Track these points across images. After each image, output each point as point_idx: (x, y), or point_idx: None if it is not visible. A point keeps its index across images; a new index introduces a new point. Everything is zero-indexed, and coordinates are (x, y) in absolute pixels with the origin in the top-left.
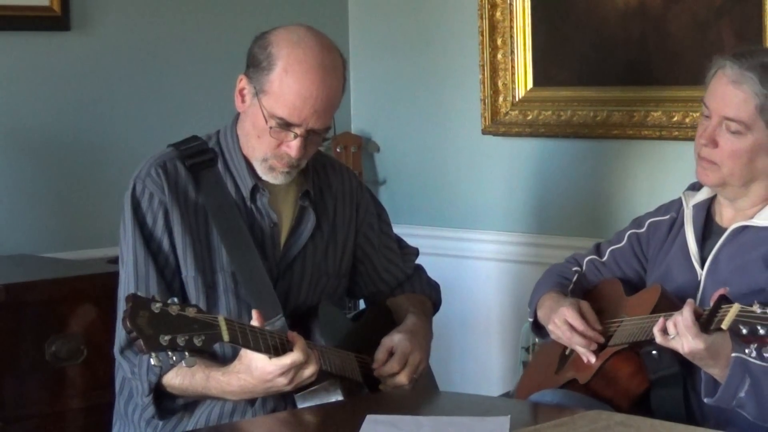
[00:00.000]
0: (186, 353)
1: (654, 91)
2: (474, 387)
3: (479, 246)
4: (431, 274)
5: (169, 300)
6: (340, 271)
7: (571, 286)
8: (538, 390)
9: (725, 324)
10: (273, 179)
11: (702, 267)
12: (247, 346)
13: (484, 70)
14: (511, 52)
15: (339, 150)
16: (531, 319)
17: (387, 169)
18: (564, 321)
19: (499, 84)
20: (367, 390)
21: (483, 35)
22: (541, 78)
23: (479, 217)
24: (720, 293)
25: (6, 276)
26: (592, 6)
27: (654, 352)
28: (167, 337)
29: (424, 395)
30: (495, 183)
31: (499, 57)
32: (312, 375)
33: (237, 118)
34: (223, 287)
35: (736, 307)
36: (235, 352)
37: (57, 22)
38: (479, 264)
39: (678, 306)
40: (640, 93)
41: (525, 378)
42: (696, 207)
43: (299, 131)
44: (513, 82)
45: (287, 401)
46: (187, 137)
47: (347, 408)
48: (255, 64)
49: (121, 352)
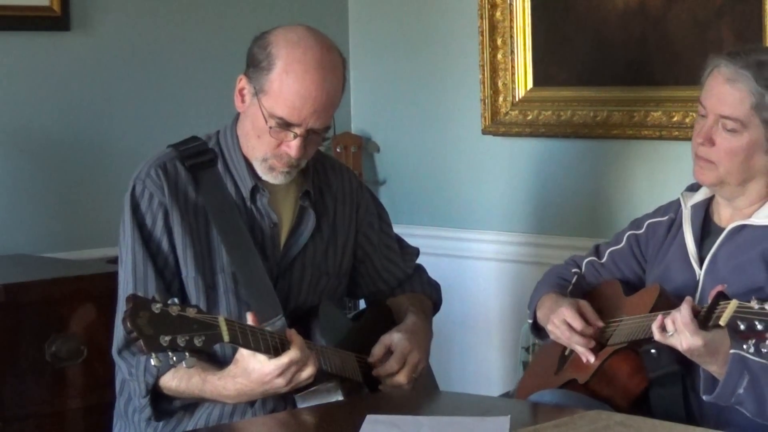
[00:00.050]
0: (186, 354)
1: (654, 91)
2: (474, 387)
3: (479, 246)
4: (431, 274)
5: (170, 300)
6: (340, 271)
7: (570, 287)
8: (538, 391)
9: (723, 320)
10: (273, 179)
11: (700, 267)
12: (248, 346)
13: (484, 70)
14: (511, 52)
15: (339, 150)
16: (530, 321)
17: (387, 169)
18: (563, 321)
19: (499, 84)
20: (367, 390)
21: (483, 35)
22: (541, 78)
23: (479, 217)
24: (718, 290)
25: (5, 276)
26: (592, 6)
27: (653, 350)
28: (167, 338)
29: (424, 395)
30: (495, 183)
31: (499, 57)
32: (310, 376)
33: (237, 118)
34: (223, 288)
35: (734, 304)
36: (236, 352)
37: (57, 22)
38: (479, 264)
39: (676, 305)
40: (640, 93)
41: (525, 379)
42: (694, 207)
43: (299, 131)
44: (513, 82)
45: (287, 401)
46: (187, 138)
47: (347, 408)
48: (255, 64)
49: (119, 352)
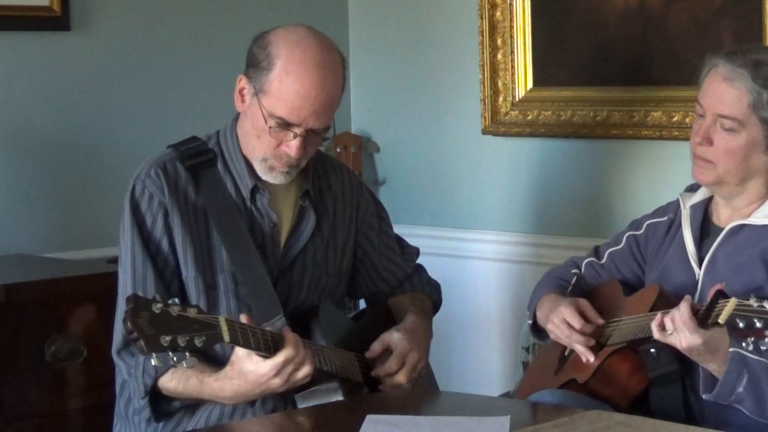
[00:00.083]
0: (187, 354)
1: (654, 91)
2: (474, 387)
3: (479, 246)
4: (431, 274)
5: (170, 300)
6: (340, 271)
7: (570, 288)
8: (538, 391)
9: (722, 318)
10: (273, 179)
11: (700, 267)
12: (248, 346)
13: (484, 70)
14: (511, 52)
15: (339, 150)
16: (530, 321)
17: (387, 169)
18: (562, 320)
19: (499, 84)
20: (368, 390)
21: (483, 35)
22: (541, 78)
23: (479, 217)
24: (717, 288)
25: (6, 276)
26: (592, 6)
27: (652, 350)
28: (168, 338)
29: (424, 395)
30: (495, 183)
31: (499, 57)
32: (306, 375)
33: (237, 118)
34: (224, 288)
35: (733, 302)
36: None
37: (57, 22)
38: (479, 264)
39: (676, 305)
40: (640, 93)
41: (525, 379)
42: (693, 207)
43: (299, 131)
44: (513, 82)
45: (287, 401)
46: (187, 138)
47: (347, 408)
48: (254, 63)
49: (118, 353)
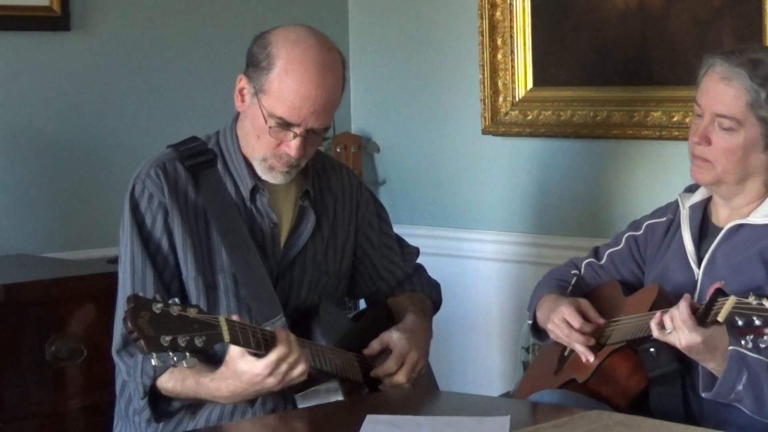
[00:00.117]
0: (187, 354)
1: (654, 91)
2: (474, 387)
3: (479, 246)
4: (431, 274)
5: (170, 300)
6: (340, 271)
7: (570, 288)
8: (537, 391)
9: (721, 316)
10: (273, 179)
11: (699, 267)
12: (248, 346)
13: (484, 70)
14: (511, 52)
15: (339, 150)
16: (530, 322)
17: (387, 169)
18: (562, 319)
19: (499, 84)
20: (368, 390)
21: (483, 35)
22: (541, 78)
23: (479, 217)
24: (716, 287)
25: (6, 276)
26: (592, 6)
27: (652, 349)
28: (168, 338)
29: (424, 395)
30: (495, 183)
31: (499, 57)
32: (302, 373)
33: (236, 118)
34: (224, 288)
35: (732, 300)
36: None
37: (57, 22)
38: (479, 264)
39: (675, 304)
40: (640, 93)
41: (525, 379)
42: (692, 208)
43: (299, 131)
44: (513, 82)
45: (288, 401)
46: (187, 138)
47: (347, 408)
48: (254, 63)
49: (117, 353)
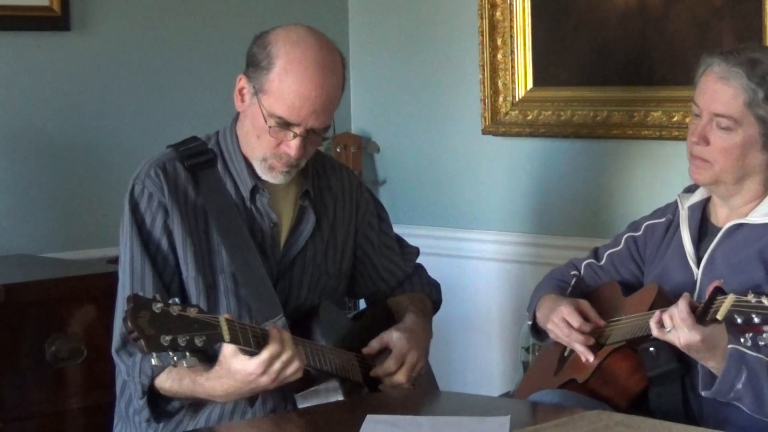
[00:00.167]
0: (187, 353)
1: (654, 91)
2: (474, 387)
3: (479, 246)
4: (431, 274)
5: (170, 300)
6: (340, 271)
7: (570, 289)
8: (537, 391)
9: (721, 314)
10: (272, 179)
11: (698, 267)
12: (248, 345)
13: (484, 70)
14: (511, 52)
15: (339, 150)
16: (530, 322)
17: (387, 169)
18: (562, 319)
19: (499, 84)
20: (367, 390)
21: (483, 35)
22: (541, 78)
23: (479, 217)
24: (715, 285)
25: (6, 276)
26: (592, 6)
27: (651, 349)
28: (168, 338)
29: (424, 395)
30: (495, 183)
31: (499, 57)
32: (295, 371)
33: (236, 118)
34: (224, 288)
35: (731, 298)
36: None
37: (57, 22)
38: (479, 264)
39: (674, 303)
40: (640, 93)
41: (525, 379)
42: (691, 208)
43: (298, 131)
44: (513, 82)
45: (288, 401)
46: (187, 138)
47: (347, 408)
48: (254, 63)
49: (117, 352)
